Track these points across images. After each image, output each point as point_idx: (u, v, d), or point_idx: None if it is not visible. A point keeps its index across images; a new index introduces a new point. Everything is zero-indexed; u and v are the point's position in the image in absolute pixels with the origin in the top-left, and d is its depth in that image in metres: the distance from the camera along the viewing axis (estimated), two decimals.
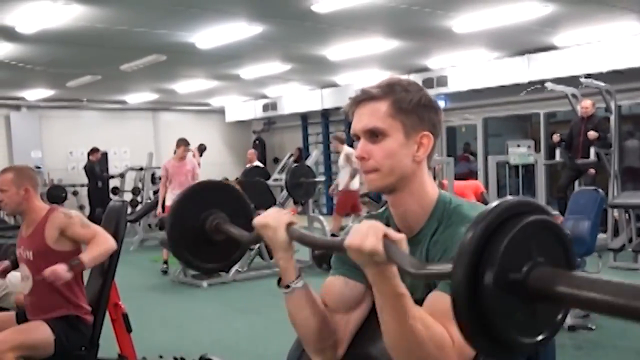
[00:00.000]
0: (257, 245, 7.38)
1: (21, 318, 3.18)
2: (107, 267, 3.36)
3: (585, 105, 8.25)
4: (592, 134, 8.02)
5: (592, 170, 8.17)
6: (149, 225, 10.73)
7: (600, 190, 5.10)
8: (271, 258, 7.85)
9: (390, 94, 1.42)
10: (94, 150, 12.41)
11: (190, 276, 7.14)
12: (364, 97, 1.44)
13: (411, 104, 1.42)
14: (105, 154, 14.02)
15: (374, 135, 1.42)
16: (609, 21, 7.89)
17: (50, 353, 3.04)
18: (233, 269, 7.03)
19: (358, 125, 1.44)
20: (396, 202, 1.48)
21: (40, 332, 3.02)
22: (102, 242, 3.11)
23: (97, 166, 12.47)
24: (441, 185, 7.57)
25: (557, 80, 8.56)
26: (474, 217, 1.32)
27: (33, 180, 3.23)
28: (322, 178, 9.92)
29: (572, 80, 8.42)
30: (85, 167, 12.44)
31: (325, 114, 14.38)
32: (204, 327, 5.24)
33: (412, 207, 1.47)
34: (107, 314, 3.45)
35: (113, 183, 13.02)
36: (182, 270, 7.17)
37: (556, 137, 8.63)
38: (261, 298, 6.23)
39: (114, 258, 3.33)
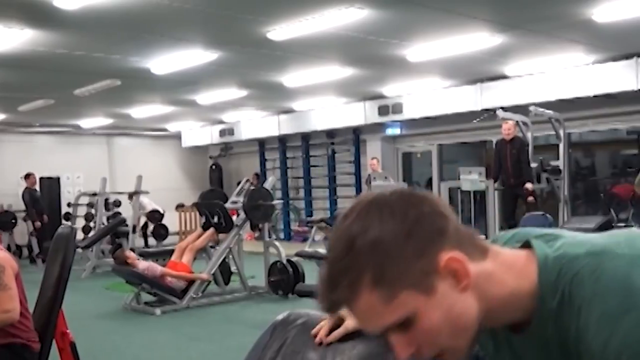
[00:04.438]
0: (212, 272, 7.31)
1: None
2: (54, 295, 3.28)
3: (506, 127, 8.46)
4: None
5: (531, 198, 8.28)
6: (102, 252, 10.54)
7: (548, 216, 5.22)
8: (226, 284, 7.79)
9: (360, 275, 0.88)
10: None
11: (143, 303, 7.03)
12: (335, 308, 0.95)
13: (394, 263, 0.88)
14: (57, 179, 13.76)
15: (397, 327, 0.92)
16: (557, 52, 8.15)
17: None
18: (187, 296, 6.94)
19: (368, 329, 0.94)
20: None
21: None
22: (1, 311, 2.93)
23: None
24: None
25: (509, 109, 8.78)
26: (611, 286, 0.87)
27: None
28: (279, 201, 9.91)
29: (522, 109, 8.65)
30: None
31: (283, 139, 14.42)
32: (157, 356, 5.15)
33: (506, 318, 0.98)
34: (54, 343, 3.37)
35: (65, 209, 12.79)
36: (135, 298, 7.05)
37: None
38: (215, 325, 6.16)
39: (61, 286, 3.26)
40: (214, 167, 16.17)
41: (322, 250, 7.52)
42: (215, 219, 7.61)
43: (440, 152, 12.52)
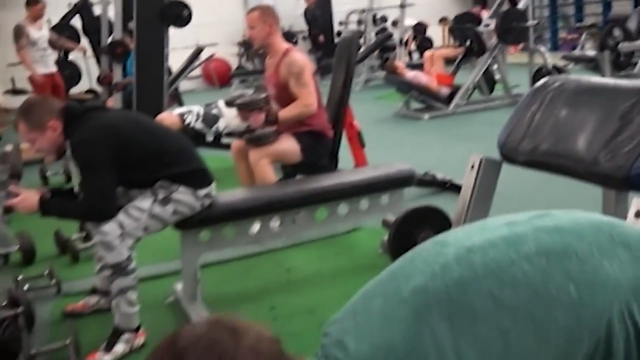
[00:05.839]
0: (477, 79, 7.55)
1: None
2: (343, 91, 3.87)
3: None
4: None
5: None
6: (372, 67, 11.25)
7: None
8: (490, 93, 8.01)
9: None
10: None
11: (412, 110, 7.61)
12: None
13: None
14: None
15: None
16: None
17: (298, 160, 3.67)
18: (453, 103, 7.35)
19: None
20: None
21: (287, 143, 3.63)
22: (302, 105, 3.55)
23: None
24: None
25: None
26: None
27: (275, 18, 3.76)
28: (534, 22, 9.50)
29: None
30: None
31: None
32: (425, 152, 5.72)
33: None
34: (345, 132, 4.01)
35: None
36: (405, 105, 7.64)
37: None
38: (478, 128, 6.54)
39: (347, 82, 3.82)
40: None
41: (591, 52, 7.25)
42: (468, 43, 7.72)
43: None
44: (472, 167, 2.02)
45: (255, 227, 3.02)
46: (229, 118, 4.85)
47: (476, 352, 0.93)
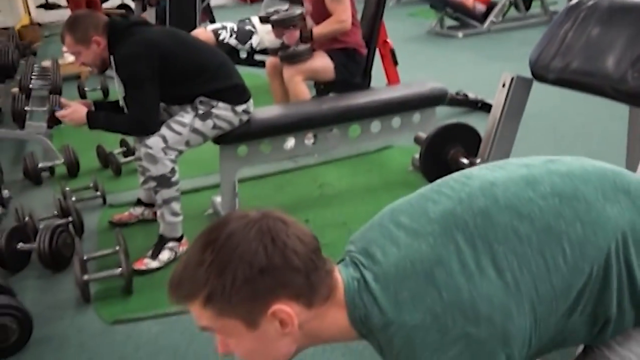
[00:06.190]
0: None
1: None
2: (377, 9, 3.87)
3: None
4: None
5: None
6: None
7: None
8: (527, 10, 7.84)
9: (197, 293, 1.03)
10: None
11: (446, 28, 7.51)
12: (175, 302, 1.08)
13: (227, 298, 1.02)
14: None
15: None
16: None
17: (331, 77, 3.73)
18: (488, 20, 7.23)
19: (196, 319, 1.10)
20: None
21: (321, 60, 3.68)
22: (337, 21, 3.55)
23: None
24: None
25: None
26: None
27: None
28: None
29: None
30: None
31: None
32: (458, 71, 5.70)
33: (341, 339, 1.18)
34: (378, 50, 4.03)
35: None
36: (439, 22, 7.53)
37: None
38: (513, 47, 6.45)
39: (381, 1, 3.82)
40: None
41: None
42: None
43: None
44: (504, 85, 2.08)
45: (290, 142, 3.12)
46: (263, 34, 4.88)
47: (494, 267, 1.06)
